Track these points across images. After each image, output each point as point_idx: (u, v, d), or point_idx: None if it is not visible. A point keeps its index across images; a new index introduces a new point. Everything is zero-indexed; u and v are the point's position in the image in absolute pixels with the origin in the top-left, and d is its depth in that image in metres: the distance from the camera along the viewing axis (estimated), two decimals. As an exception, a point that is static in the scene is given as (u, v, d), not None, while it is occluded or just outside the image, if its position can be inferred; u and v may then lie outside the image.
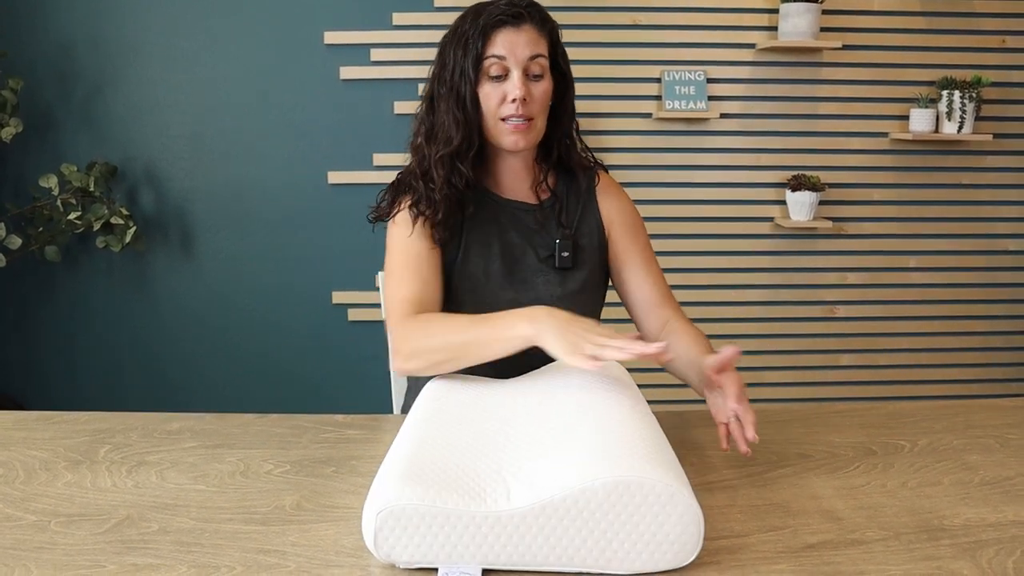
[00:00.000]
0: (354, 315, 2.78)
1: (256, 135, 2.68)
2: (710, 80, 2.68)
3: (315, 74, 2.64)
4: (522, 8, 1.17)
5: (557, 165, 1.31)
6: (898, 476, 1.01)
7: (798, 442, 1.11)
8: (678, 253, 2.77)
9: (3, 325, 2.80)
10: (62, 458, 1.05)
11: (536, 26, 1.19)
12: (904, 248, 2.82)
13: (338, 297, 2.78)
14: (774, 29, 2.64)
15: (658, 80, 2.68)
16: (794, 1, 2.52)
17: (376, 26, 2.62)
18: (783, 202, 2.74)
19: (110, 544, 0.84)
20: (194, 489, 0.97)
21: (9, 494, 0.95)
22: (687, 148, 2.73)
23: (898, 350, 2.87)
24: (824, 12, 2.58)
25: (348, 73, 2.63)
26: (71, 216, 2.50)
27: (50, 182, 2.49)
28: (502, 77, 1.17)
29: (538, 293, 1.21)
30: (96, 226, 2.52)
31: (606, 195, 1.33)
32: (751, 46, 2.67)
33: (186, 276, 2.77)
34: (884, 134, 2.74)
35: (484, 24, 1.16)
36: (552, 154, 1.29)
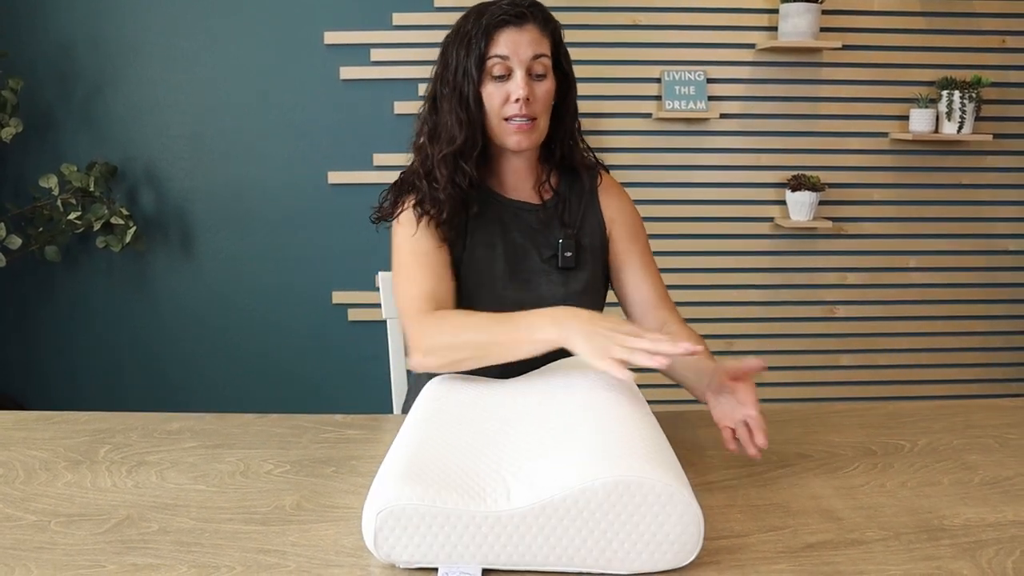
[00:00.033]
0: (354, 315, 2.78)
1: (256, 135, 2.68)
2: (710, 80, 2.68)
3: (315, 74, 2.64)
4: (525, 8, 1.17)
5: (560, 165, 1.31)
6: (898, 476, 1.01)
7: (798, 442, 1.11)
8: (678, 253, 2.77)
9: (3, 325, 2.80)
10: (62, 458, 1.05)
11: (539, 26, 1.19)
12: (904, 248, 2.82)
13: (338, 297, 2.78)
14: (774, 29, 2.64)
15: (658, 80, 2.68)
16: (794, 1, 2.52)
17: (376, 26, 2.62)
18: (783, 202, 2.74)
19: (110, 544, 0.84)
20: (194, 489, 0.97)
21: (9, 494, 0.95)
22: (687, 148, 2.73)
23: (898, 350, 2.87)
24: (824, 12, 2.57)
25: (348, 73, 2.63)
26: (71, 216, 2.50)
27: (50, 182, 2.49)
28: (505, 77, 1.17)
29: (541, 293, 1.21)
30: (96, 226, 2.52)
31: (608, 195, 1.33)
32: (751, 46, 2.67)
33: (186, 276, 2.77)
34: (884, 134, 2.74)
35: (487, 24, 1.16)
36: (555, 154, 1.29)
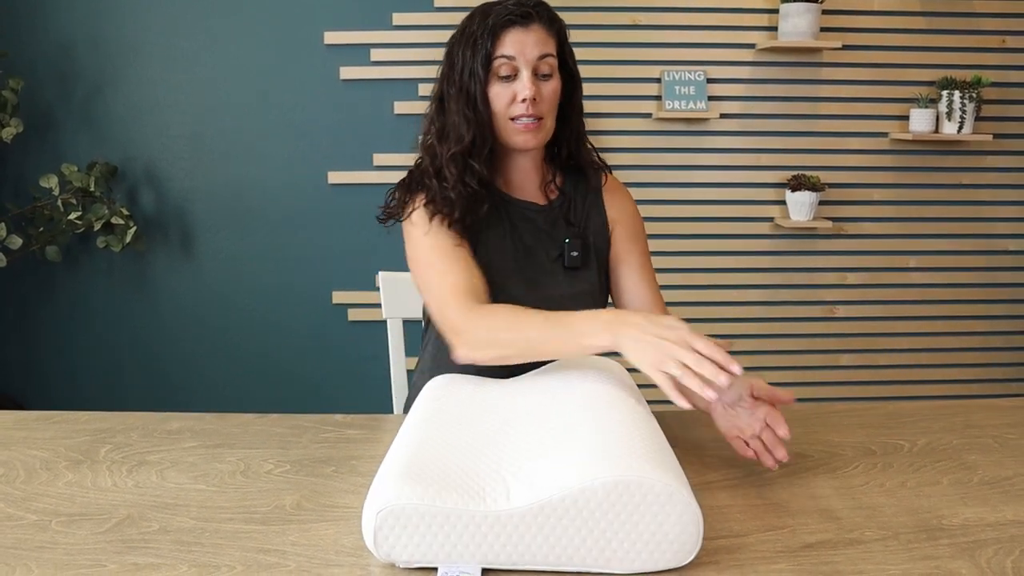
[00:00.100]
0: (354, 315, 2.78)
1: (256, 135, 2.68)
2: (710, 80, 2.68)
3: (315, 74, 2.64)
4: (530, 8, 1.17)
5: (565, 165, 1.31)
6: (897, 476, 1.01)
7: (797, 442, 1.11)
8: (678, 253, 2.77)
9: (3, 325, 2.80)
10: (63, 458, 1.06)
11: (544, 25, 1.19)
12: (904, 248, 2.82)
13: (338, 297, 2.78)
14: (774, 29, 2.64)
15: (658, 80, 2.68)
16: (794, 1, 2.52)
17: (376, 26, 2.62)
18: (783, 202, 2.75)
19: (111, 543, 0.84)
20: (194, 489, 0.97)
21: (10, 494, 0.95)
22: (687, 148, 2.73)
23: (898, 350, 2.87)
24: (824, 12, 2.58)
25: (348, 73, 2.63)
26: (71, 216, 2.50)
27: (50, 182, 2.49)
28: (511, 77, 1.17)
29: (549, 293, 1.20)
30: (96, 226, 2.52)
31: (612, 195, 1.33)
32: (751, 46, 2.67)
33: (186, 276, 2.77)
34: (884, 134, 2.74)
35: (493, 24, 1.16)
36: (561, 153, 1.30)
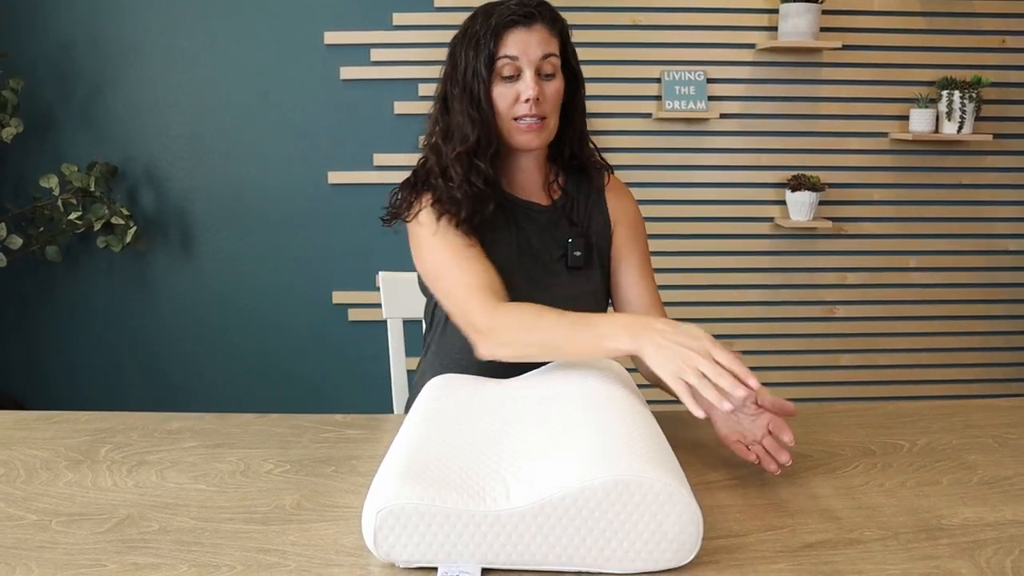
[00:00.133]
0: (354, 315, 2.78)
1: (256, 135, 2.68)
2: (710, 80, 2.68)
3: (315, 74, 2.64)
4: (532, 8, 1.17)
5: (567, 164, 1.31)
6: (897, 476, 1.01)
7: (797, 442, 1.10)
8: (678, 253, 2.77)
9: (3, 325, 2.80)
10: (63, 458, 1.06)
11: (547, 25, 1.19)
12: (904, 248, 2.82)
13: (338, 297, 2.78)
14: (774, 29, 2.64)
15: (658, 80, 2.68)
16: (794, 1, 2.52)
17: (376, 26, 2.62)
18: (783, 202, 2.75)
19: (111, 543, 0.84)
20: (194, 488, 0.97)
21: (10, 493, 0.95)
22: (687, 148, 2.73)
23: (898, 350, 2.87)
24: (824, 12, 2.58)
25: (348, 73, 2.64)
26: (72, 216, 2.50)
27: (51, 182, 2.50)
28: (514, 77, 1.17)
29: (552, 294, 1.19)
30: (96, 226, 2.52)
31: (615, 195, 1.34)
32: (751, 46, 2.67)
33: (186, 276, 2.77)
34: (884, 134, 2.74)
35: (495, 24, 1.16)
36: (564, 153, 1.30)
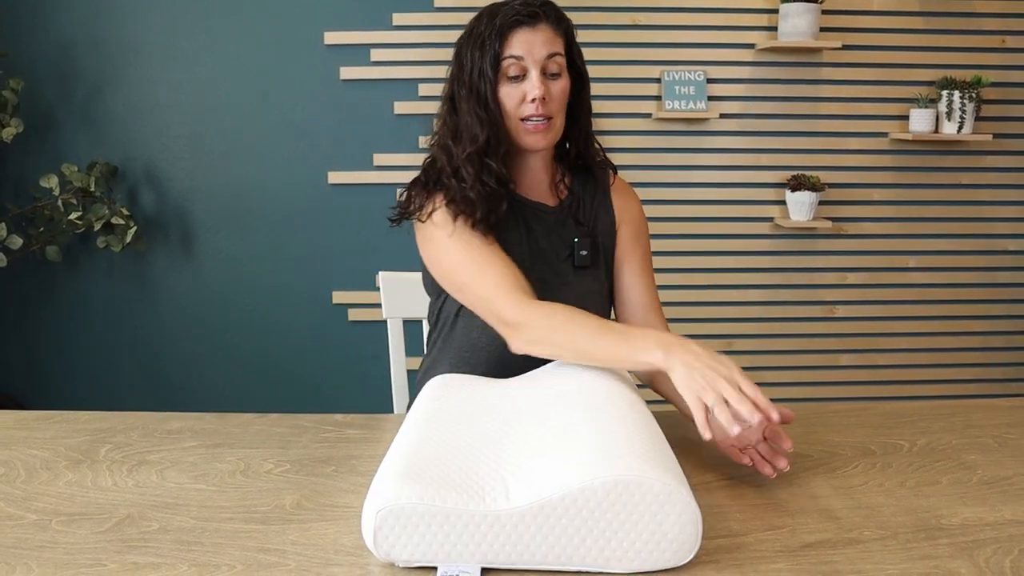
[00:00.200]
0: (354, 315, 2.78)
1: (256, 135, 2.68)
2: (710, 80, 2.68)
3: (315, 74, 2.64)
4: (537, 7, 1.17)
5: (573, 164, 1.32)
6: (896, 476, 1.02)
7: (796, 441, 1.11)
8: (678, 253, 2.77)
9: (3, 325, 2.80)
10: (63, 457, 1.06)
11: (552, 25, 1.19)
12: (904, 248, 2.82)
13: (338, 297, 2.78)
14: (774, 29, 2.64)
15: (658, 80, 2.68)
16: (794, 1, 2.52)
17: (376, 26, 2.62)
18: (783, 202, 2.75)
19: (111, 543, 0.84)
20: (194, 488, 0.97)
21: (10, 493, 0.95)
22: (687, 148, 2.73)
23: (897, 350, 2.87)
24: (824, 12, 2.58)
25: (348, 73, 2.64)
26: (72, 216, 2.50)
27: (51, 182, 2.50)
28: (520, 77, 1.17)
29: (560, 294, 1.19)
30: (97, 226, 2.52)
31: (620, 195, 1.34)
32: (751, 46, 2.67)
33: (186, 276, 2.77)
34: (884, 134, 2.74)
35: (500, 25, 1.16)
36: (570, 153, 1.30)
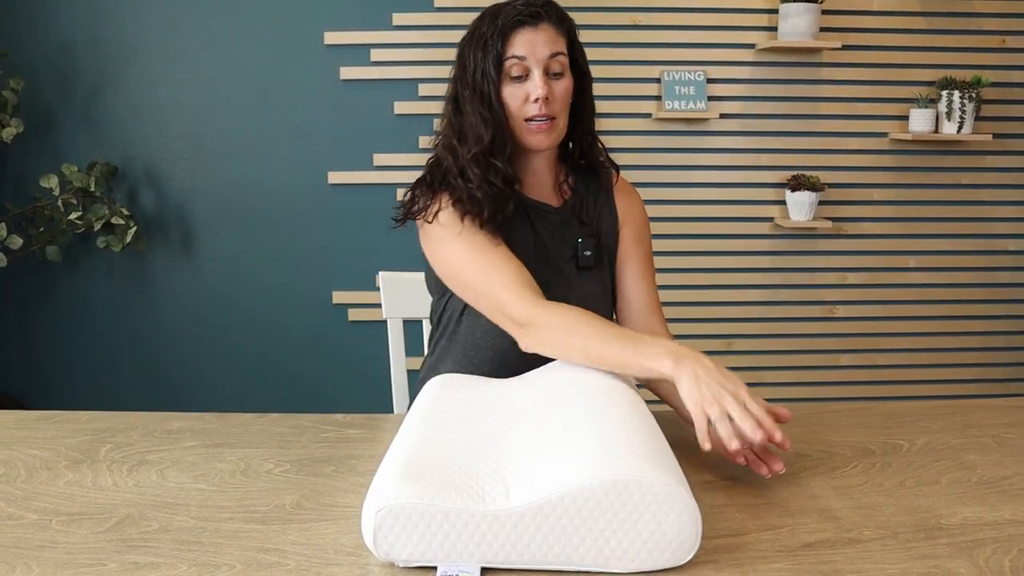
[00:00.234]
0: (354, 315, 2.78)
1: (256, 135, 2.68)
2: (710, 80, 2.68)
3: (315, 74, 2.64)
4: (539, 7, 1.17)
5: (577, 164, 1.32)
6: (896, 475, 1.02)
7: (796, 441, 1.11)
8: (678, 253, 2.77)
9: (3, 325, 2.80)
10: (63, 457, 1.06)
11: (554, 24, 1.19)
12: (904, 248, 2.82)
13: (338, 297, 2.78)
14: (774, 29, 2.64)
15: (658, 80, 2.68)
16: (794, 1, 2.52)
17: (376, 26, 2.62)
18: (783, 202, 2.75)
19: (111, 543, 0.84)
20: (194, 488, 0.97)
21: (11, 493, 0.95)
22: (687, 148, 2.73)
23: (897, 350, 2.87)
24: (824, 12, 2.58)
25: (348, 73, 2.64)
26: (72, 216, 2.50)
27: (51, 182, 2.50)
28: (523, 77, 1.17)
29: (563, 294, 1.19)
30: (97, 226, 2.52)
31: (623, 195, 1.34)
32: (751, 46, 2.67)
33: (186, 276, 2.77)
34: (884, 134, 2.74)
35: (502, 25, 1.16)
36: (574, 153, 1.30)
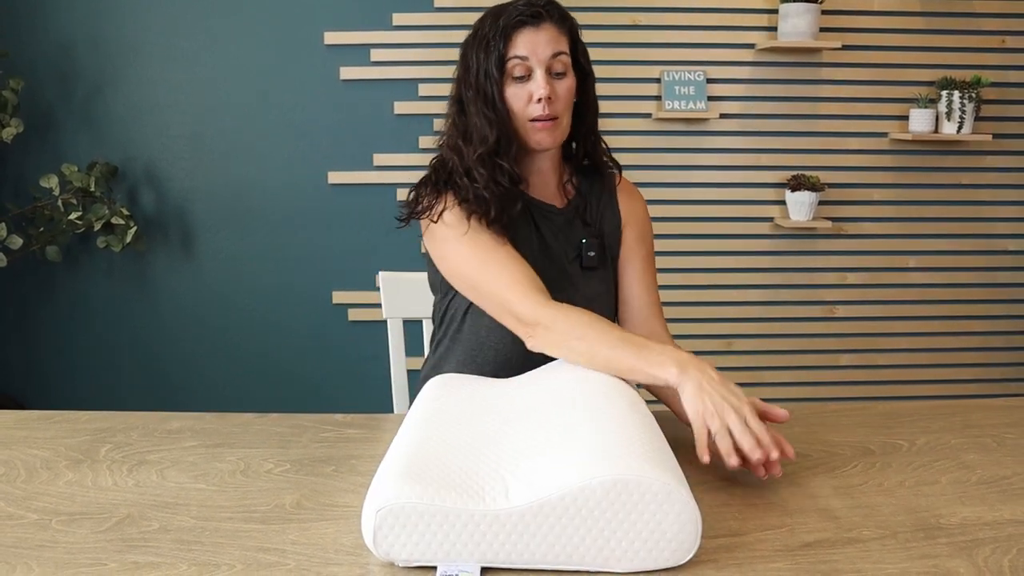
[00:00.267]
0: (354, 315, 2.78)
1: (256, 135, 2.68)
2: (710, 80, 2.68)
3: (315, 74, 2.64)
4: (541, 7, 1.18)
5: (581, 164, 1.32)
6: (895, 475, 1.02)
7: (796, 441, 1.11)
8: (678, 253, 2.77)
9: (3, 325, 2.80)
10: (63, 457, 1.06)
11: (556, 24, 1.19)
12: (904, 248, 2.82)
13: (338, 297, 2.78)
14: (774, 29, 2.64)
15: (658, 80, 2.68)
16: (794, 1, 2.52)
17: (376, 26, 2.62)
18: (783, 202, 2.75)
19: (111, 542, 0.84)
20: (194, 488, 0.97)
21: (11, 493, 0.95)
22: (687, 148, 2.73)
23: (897, 350, 2.87)
24: (824, 12, 2.58)
25: (348, 73, 2.64)
26: (72, 216, 2.50)
27: (51, 182, 2.50)
28: (525, 77, 1.17)
29: (567, 295, 1.18)
30: (97, 226, 2.52)
31: (626, 196, 1.35)
32: (751, 46, 2.67)
33: (186, 276, 2.77)
34: (884, 134, 2.74)
35: (504, 26, 1.16)
36: (578, 152, 1.30)
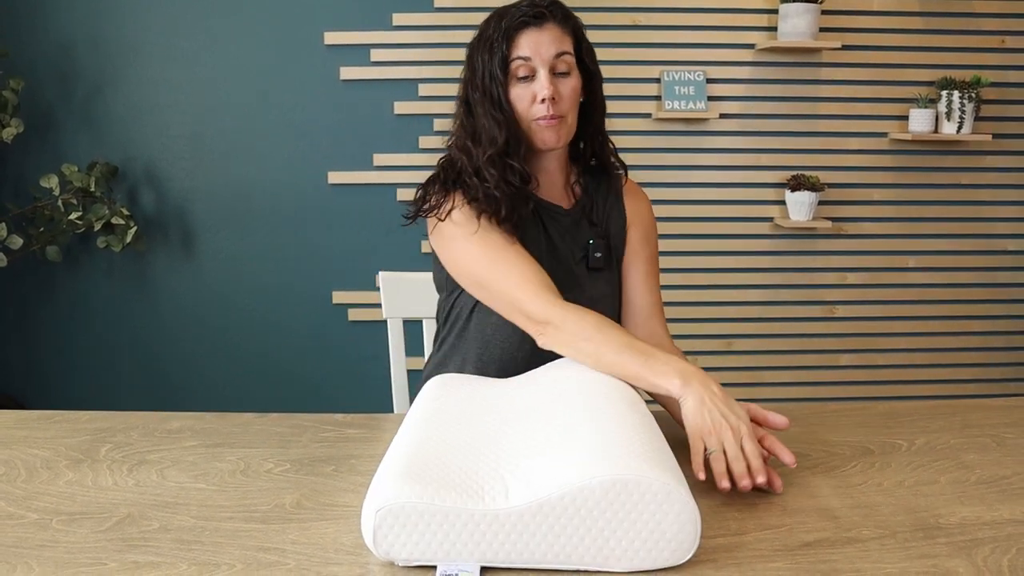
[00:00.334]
0: (354, 315, 2.78)
1: (256, 135, 2.69)
2: (709, 80, 2.68)
3: (315, 74, 2.64)
4: (543, 7, 1.18)
5: (588, 164, 1.32)
6: (895, 475, 1.02)
7: (795, 441, 1.11)
8: (677, 253, 2.77)
9: (3, 325, 2.80)
10: (63, 457, 1.06)
11: (559, 24, 1.19)
12: (903, 248, 2.82)
13: (338, 297, 2.78)
14: (773, 29, 2.64)
15: (658, 80, 2.68)
16: (793, 1, 2.52)
17: (376, 26, 2.62)
18: (782, 202, 2.75)
19: (111, 542, 0.84)
20: (194, 488, 0.97)
21: (11, 493, 0.95)
22: (686, 148, 2.73)
23: (897, 350, 2.87)
24: (824, 12, 2.58)
25: (348, 73, 2.64)
26: (72, 216, 2.50)
27: (51, 182, 2.50)
28: (529, 78, 1.18)
29: (574, 295, 1.18)
30: (97, 226, 2.52)
31: (632, 197, 1.35)
32: (750, 46, 2.67)
33: (186, 276, 2.77)
34: (883, 134, 2.74)
35: (507, 27, 1.17)
36: (585, 153, 1.31)
